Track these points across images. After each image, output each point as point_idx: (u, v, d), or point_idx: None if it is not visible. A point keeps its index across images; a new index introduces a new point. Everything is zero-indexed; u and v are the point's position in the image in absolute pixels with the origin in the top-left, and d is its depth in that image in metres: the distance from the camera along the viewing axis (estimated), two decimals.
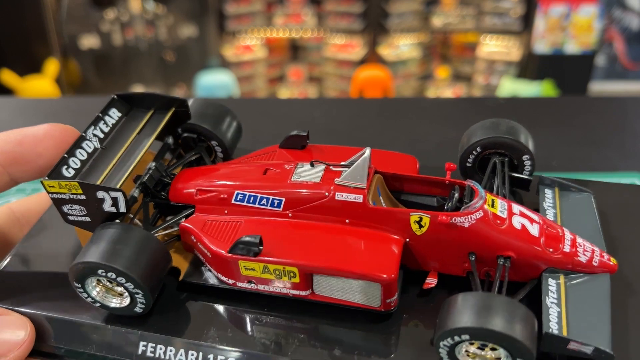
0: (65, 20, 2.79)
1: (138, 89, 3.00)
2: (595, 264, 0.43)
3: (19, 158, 0.48)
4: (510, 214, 0.44)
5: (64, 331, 0.46)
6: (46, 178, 0.45)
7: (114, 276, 0.42)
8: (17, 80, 2.61)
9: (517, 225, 0.44)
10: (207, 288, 0.47)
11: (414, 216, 0.44)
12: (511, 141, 0.51)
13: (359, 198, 0.45)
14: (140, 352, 0.44)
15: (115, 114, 0.52)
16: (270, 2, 3.00)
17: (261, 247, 0.44)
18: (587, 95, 2.85)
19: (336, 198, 0.45)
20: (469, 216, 0.43)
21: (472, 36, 3.04)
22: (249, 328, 0.45)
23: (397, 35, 2.99)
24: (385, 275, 0.42)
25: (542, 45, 2.80)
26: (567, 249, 0.43)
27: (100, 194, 0.45)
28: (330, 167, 0.48)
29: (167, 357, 0.44)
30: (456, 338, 0.37)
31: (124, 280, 0.43)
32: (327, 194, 0.46)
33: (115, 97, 0.52)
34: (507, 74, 2.91)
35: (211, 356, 0.43)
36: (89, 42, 2.86)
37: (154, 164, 0.51)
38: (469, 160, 0.53)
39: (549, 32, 2.78)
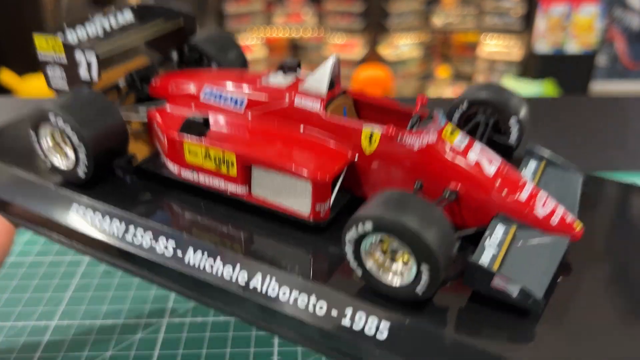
0: (64, 20, 2.78)
1: None
2: (553, 224, 0.39)
3: None
4: (468, 148, 0.42)
5: (10, 184, 0.49)
6: (38, 33, 0.49)
7: (61, 123, 0.44)
8: (16, 80, 2.61)
9: (471, 160, 0.41)
10: (160, 181, 0.49)
11: (366, 131, 0.43)
12: (498, 99, 0.48)
13: (315, 106, 0.45)
14: (71, 211, 0.46)
15: (129, 14, 0.57)
16: (270, 1, 3.00)
17: (207, 128, 0.46)
18: (588, 95, 2.85)
19: (295, 104, 0.45)
20: (419, 137, 0.41)
21: (472, 36, 3.03)
22: (184, 221, 0.46)
23: (397, 35, 2.98)
24: (318, 175, 0.41)
25: (543, 45, 2.80)
26: (523, 197, 0.40)
27: (78, 55, 0.48)
28: (302, 75, 0.48)
29: (94, 223, 0.45)
30: (360, 228, 0.35)
31: (70, 129, 0.44)
32: (286, 99, 0.46)
33: (134, 7, 0.58)
34: (508, 74, 2.90)
35: (133, 227, 0.44)
36: None
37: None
38: (454, 117, 0.51)
39: (550, 31, 2.77)
